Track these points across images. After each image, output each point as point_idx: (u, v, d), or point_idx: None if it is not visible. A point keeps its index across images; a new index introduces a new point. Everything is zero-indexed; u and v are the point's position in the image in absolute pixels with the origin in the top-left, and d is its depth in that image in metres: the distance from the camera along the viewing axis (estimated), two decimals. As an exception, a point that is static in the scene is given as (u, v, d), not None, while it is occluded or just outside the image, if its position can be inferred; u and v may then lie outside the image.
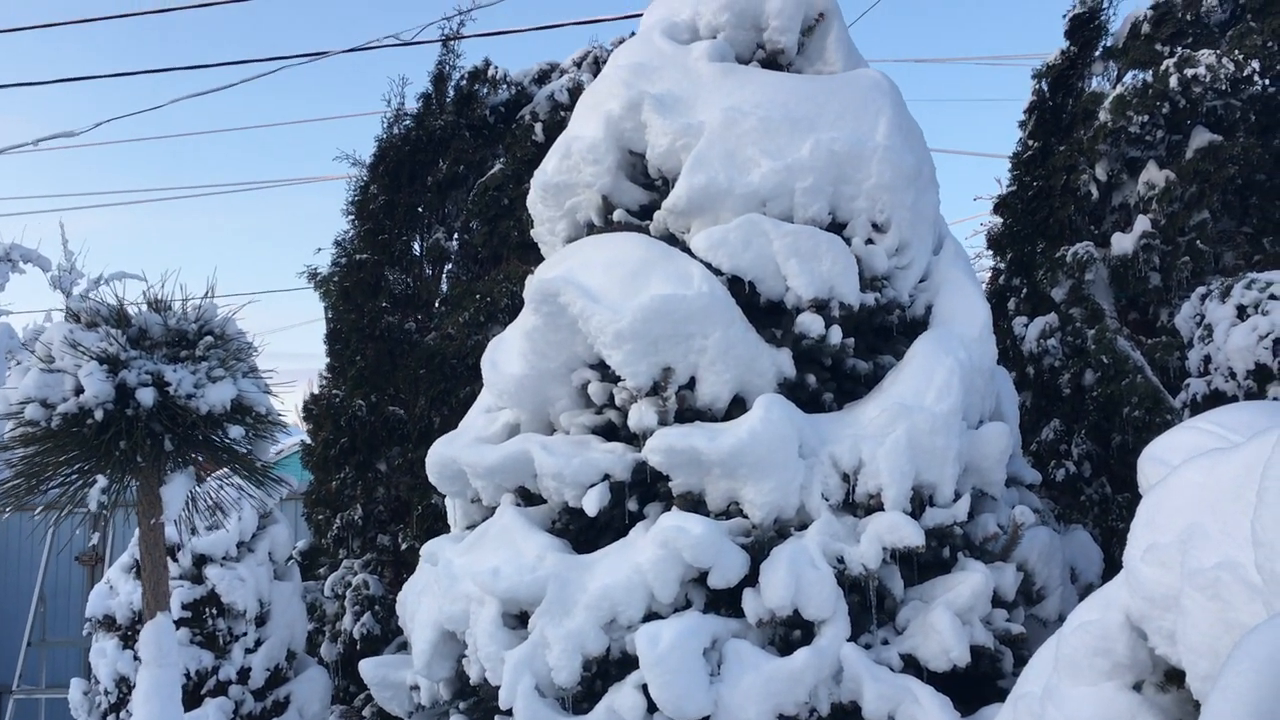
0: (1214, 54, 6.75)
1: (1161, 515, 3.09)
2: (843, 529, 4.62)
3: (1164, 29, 7.29)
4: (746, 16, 5.72)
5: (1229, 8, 7.13)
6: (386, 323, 8.33)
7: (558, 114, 8.24)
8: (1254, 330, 5.54)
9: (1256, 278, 5.82)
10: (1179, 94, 6.83)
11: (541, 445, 4.97)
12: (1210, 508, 2.92)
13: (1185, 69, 6.79)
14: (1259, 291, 5.64)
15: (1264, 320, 5.50)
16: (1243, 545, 2.67)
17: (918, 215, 5.37)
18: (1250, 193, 7.06)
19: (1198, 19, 7.18)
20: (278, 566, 6.62)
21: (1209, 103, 6.90)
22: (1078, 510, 7.15)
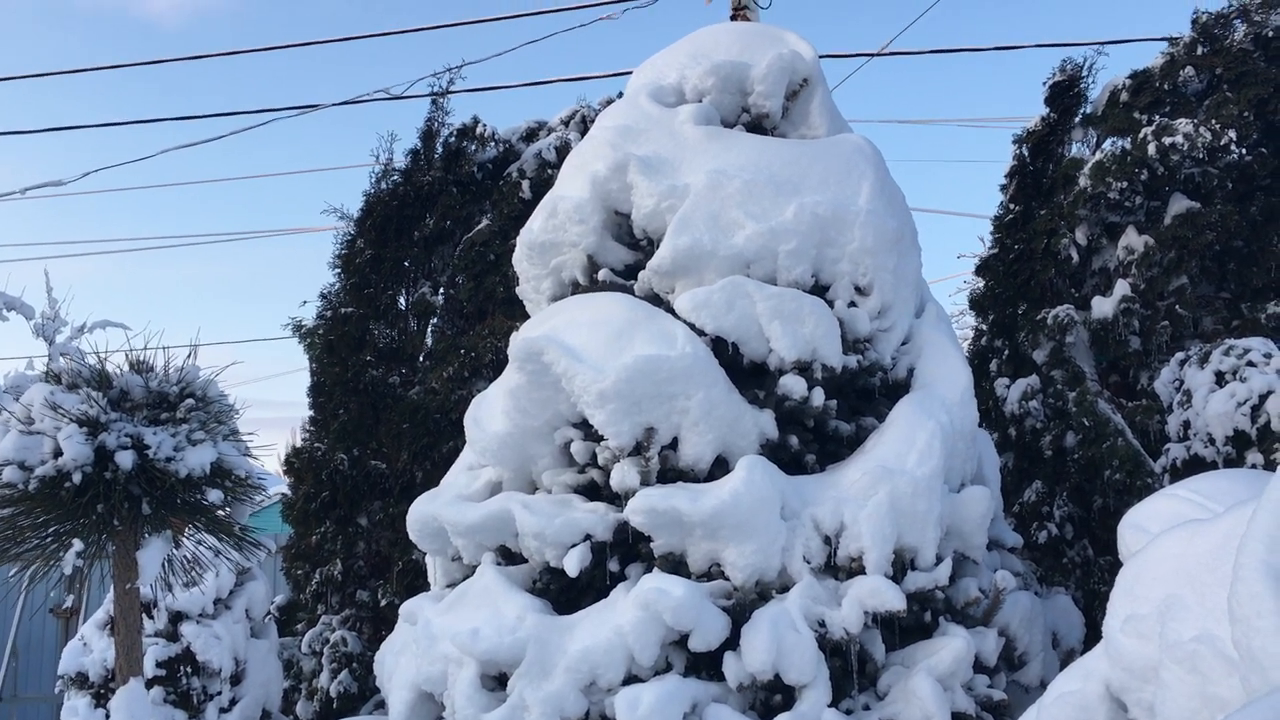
0: (1191, 123, 6.88)
1: (1141, 585, 3.10)
2: (824, 592, 4.60)
3: (1142, 97, 7.42)
4: (732, 81, 5.81)
5: (1205, 78, 7.28)
6: (370, 376, 8.33)
7: (545, 171, 8.31)
8: (1232, 397, 5.58)
9: (1235, 344, 5.88)
10: (1157, 161, 6.94)
11: (523, 504, 4.96)
12: (1189, 579, 2.94)
13: (1163, 137, 6.90)
14: (1237, 358, 5.69)
15: (1242, 387, 5.55)
16: (1220, 618, 2.68)
17: (900, 278, 5.42)
18: (1228, 259, 7.15)
19: (1175, 88, 7.32)
20: (255, 623, 6.55)
21: (1187, 170, 7.01)
22: (1059, 572, 7.15)
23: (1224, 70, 7.10)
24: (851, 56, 11.34)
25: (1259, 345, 5.74)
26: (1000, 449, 7.63)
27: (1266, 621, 2.22)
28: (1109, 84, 7.78)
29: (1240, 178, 7.09)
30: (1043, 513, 7.38)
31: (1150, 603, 3.01)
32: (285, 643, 7.84)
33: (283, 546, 8.86)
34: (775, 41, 5.96)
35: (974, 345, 8.39)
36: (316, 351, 8.66)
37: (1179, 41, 7.45)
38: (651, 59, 6.15)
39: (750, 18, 9.99)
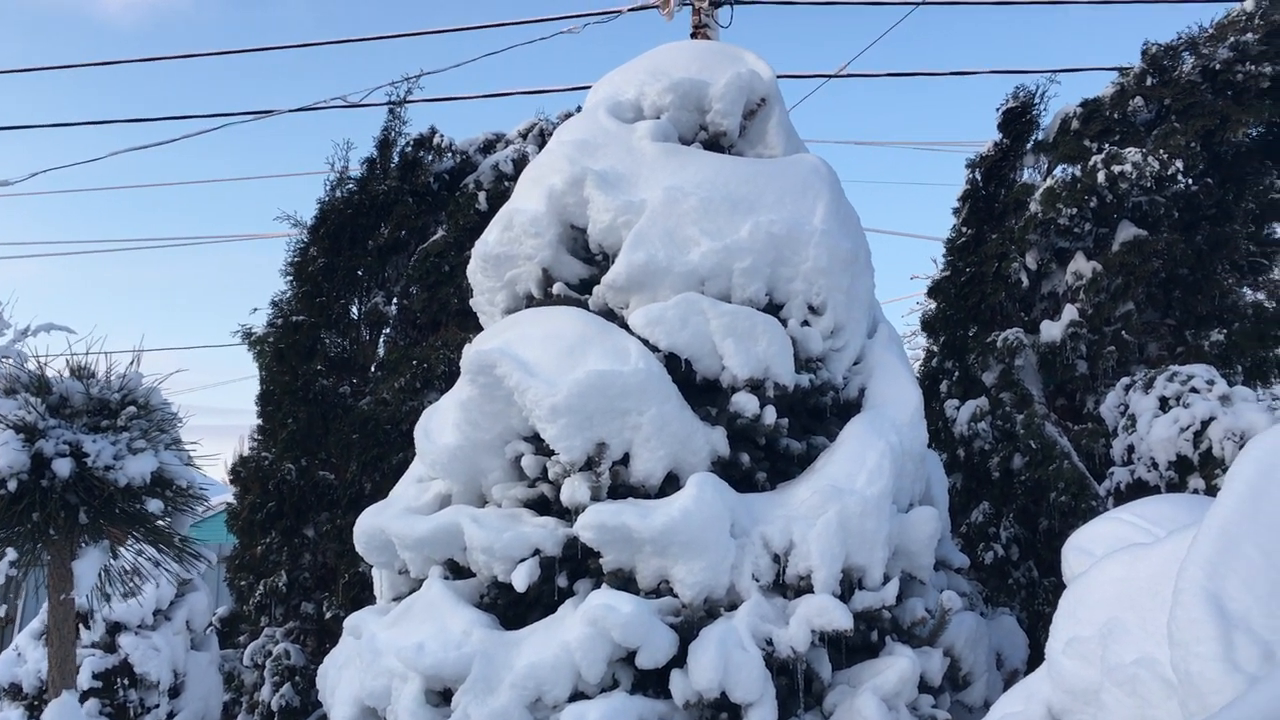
0: (1140, 152, 7.00)
1: (1083, 608, 3.13)
2: (772, 610, 4.60)
3: (1092, 126, 7.55)
4: (690, 99, 5.83)
5: (1154, 108, 7.41)
6: (321, 386, 8.24)
7: (502, 184, 8.29)
8: (1175, 422, 5.68)
9: (1178, 370, 5.97)
10: (1106, 189, 7.06)
11: (472, 518, 4.92)
12: (1130, 603, 2.97)
13: (1112, 165, 7.02)
14: (1180, 384, 5.79)
15: (1185, 413, 5.65)
16: (1161, 642, 2.71)
17: (853, 299, 5.45)
18: (1174, 286, 7.28)
19: (1124, 118, 7.45)
20: (195, 635, 6.44)
21: (1134, 198, 7.13)
22: (1005, 593, 7.22)
23: (1172, 101, 7.23)
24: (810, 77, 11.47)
25: (1202, 372, 5.85)
26: (949, 469, 7.70)
27: (1205, 647, 2.24)
28: (1060, 111, 7.90)
29: (1186, 207, 7.22)
30: (990, 533, 7.45)
31: (1092, 625, 3.04)
32: (227, 655, 7.72)
33: (227, 557, 8.72)
34: (734, 61, 5.99)
35: (925, 366, 8.46)
36: (266, 359, 8.56)
37: (1129, 72, 7.59)
38: (610, 74, 6.16)
39: (711, 36, 10.07)
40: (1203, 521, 2.51)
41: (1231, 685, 2.16)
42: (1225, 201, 7.32)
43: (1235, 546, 2.35)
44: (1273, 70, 6.90)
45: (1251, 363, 7.27)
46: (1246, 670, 2.19)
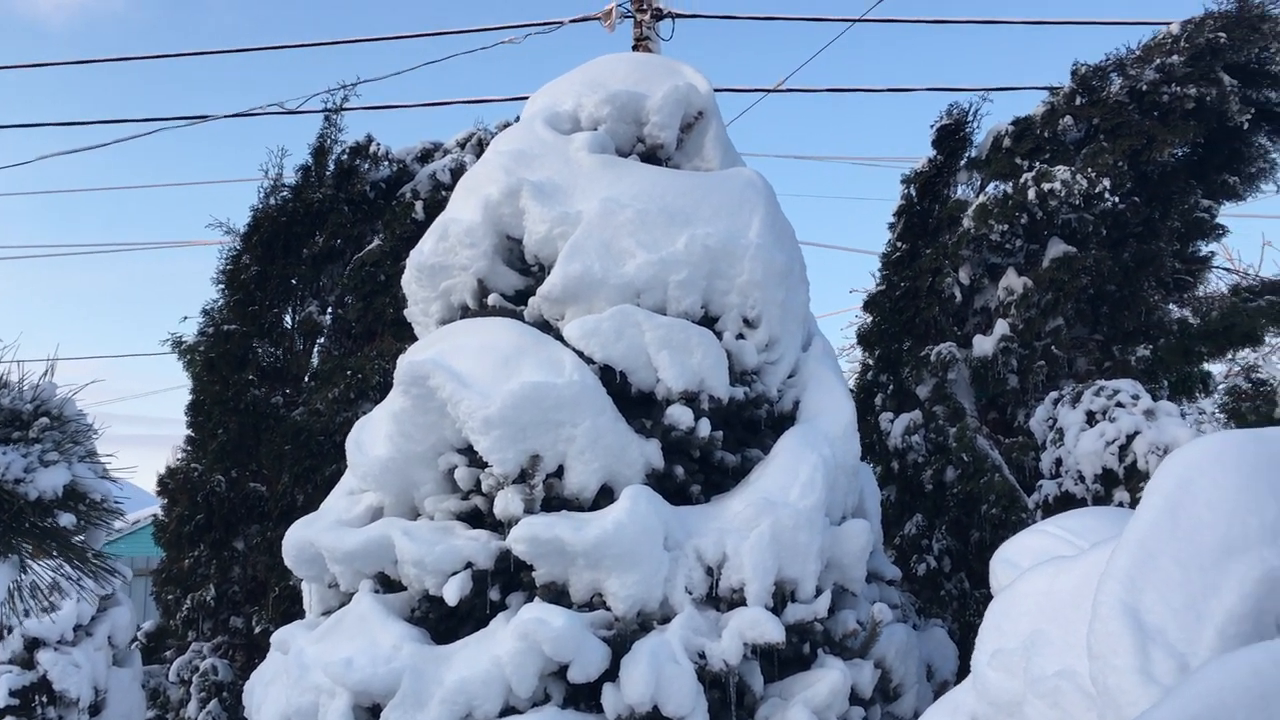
0: (1069, 170, 7.14)
1: (1008, 621, 3.16)
2: (705, 623, 4.60)
3: (1023, 144, 7.68)
4: (628, 111, 5.83)
5: (1083, 128, 7.56)
6: (252, 396, 8.11)
7: (439, 193, 8.23)
8: (1101, 436, 5.78)
9: (1105, 385, 6.09)
10: (1036, 206, 7.18)
11: (403, 530, 4.86)
12: (1053, 615, 3.00)
13: (1042, 183, 7.15)
14: (1107, 399, 5.90)
15: (1111, 427, 5.75)
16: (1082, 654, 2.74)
17: (788, 312, 5.48)
18: (1101, 302, 7.43)
19: (1055, 136, 7.59)
20: (118, 651, 6.28)
21: (1064, 215, 7.27)
22: (937, 604, 7.29)
23: (1100, 120, 7.39)
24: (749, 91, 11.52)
25: (1127, 387, 5.96)
26: (883, 482, 7.78)
27: (1122, 660, 2.27)
28: (993, 129, 8.03)
29: (1114, 225, 7.37)
30: (923, 545, 7.53)
31: (1016, 638, 3.07)
32: (152, 671, 7.55)
33: (154, 570, 8.54)
34: (671, 73, 6.00)
35: (861, 379, 8.54)
36: (197, 369, 8.41)
37: (1059, 91, 7.73)
38: (548, 85, 6.15)
39: (652, 48, 10.11)
40: (1121, 535, 2.54)
41: (1147, 697, 2.19)
42: (1151, 220, 7.49)
43: (1152, 560, 2.39)
44: (1197, 92, 7.07)
45: (1177, 378, 7.44)
46: (1162, 682, 2.22)
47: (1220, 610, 2.30)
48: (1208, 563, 2.35)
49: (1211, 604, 2.31)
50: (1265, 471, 2.50)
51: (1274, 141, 7.69)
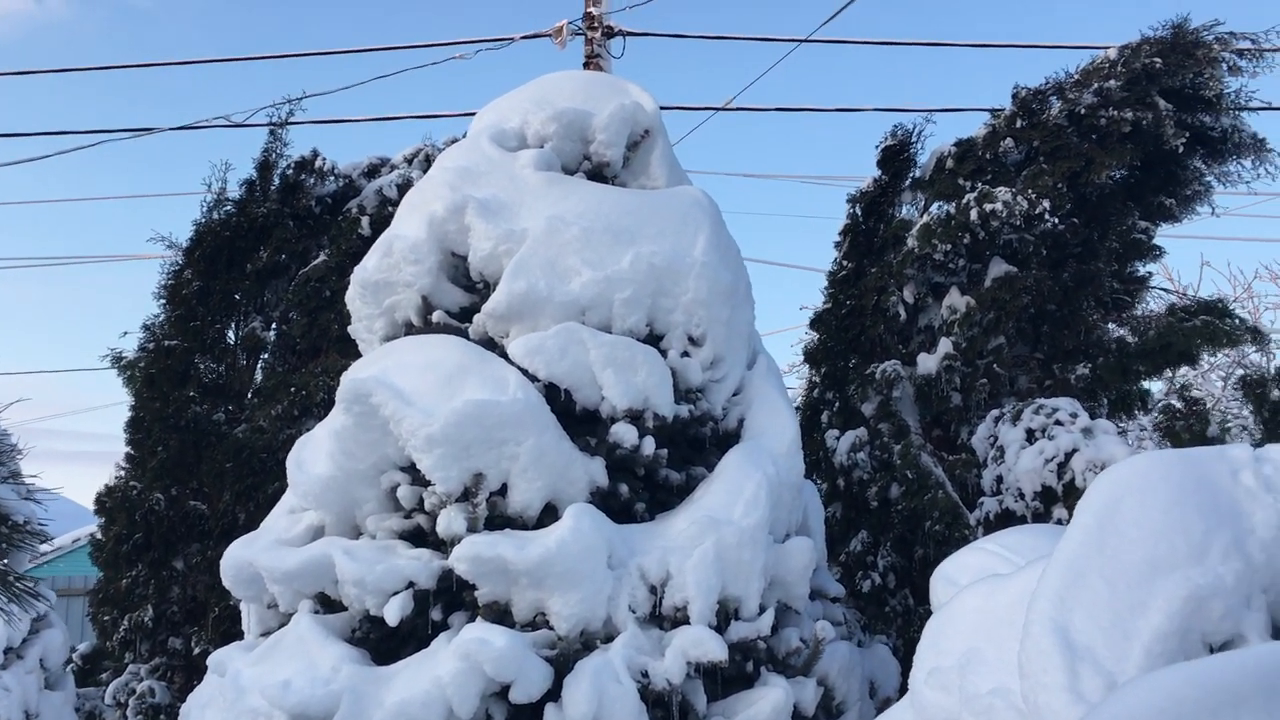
0: (1010, 191, 7.25)
1: (944, 639, 3.19)
2: (648, 642, 4.59)
3: (966, 165, 7.79)
4: (574, 128, 5.83)
5: (1024, 149, 7.69)
6: (193, 413, 7.99)
7: (386, 209, 8.18)
8: (1041, 454, 5.86)
9: (1044, 403, 6.17)
10: (979, 226, 7.28)
11: (344, 550, 4.80)
12: (988, 633, 3.04)
13: (984, 204, 7.25)
14: (1046, 417, 5.98)
15: (1050, 444, 5.83)
16: (1015, 672, 2.77)
17: (733, 330, 5.51)
18: (1042, 321, 7.54)
19: (996, 158, 7.71)
20: (50, 674, 6.15)
21: (1005, 236, 7.38)
22: (882, 621, 7.34)
23: (1040, 143, 7.51)
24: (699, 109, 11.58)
25: (1066, 405, 6.05)
26: (829, 499, 7.82)
27: (1051, 678, 2.30)
28: (936, 150, 8.14)
29: (1054, 245, 7.49)
30: (868, 562, 7.57)
31: (952, 655, 3.10)
32: (87, 694, 7.39)
33: (90, 590, 8.37)
34: (618, 92, 6.02)
35: (807, 397, 8.59)
36: (137, 385, 8.28)
37: (1000, 114, 7.86)
38: (495, 102, 6.14)
39: (603, 66, 10.13)
40: (1052, 554, 2.58)
41: (1076, 715, 2.22)
42: (1090, 240, 7.62)
43: (1082, 579, 2.42)
44: (1134, 116, 7.21)
45: (1117, 395, 7.56)
46: (1090, 700, 2.26)
47: (1147, 629, 2.34)
48: (1135, 582, 2.39)
49: (1139, 623, 2.34)
50: (1192, 492, 2.55)
51: (1209, 165, 7.86)
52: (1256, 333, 7.62)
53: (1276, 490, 2.60)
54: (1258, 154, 7.67)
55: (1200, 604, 2.38)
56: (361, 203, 8.45)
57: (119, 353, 8.51)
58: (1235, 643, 2.41)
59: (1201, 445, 6.50)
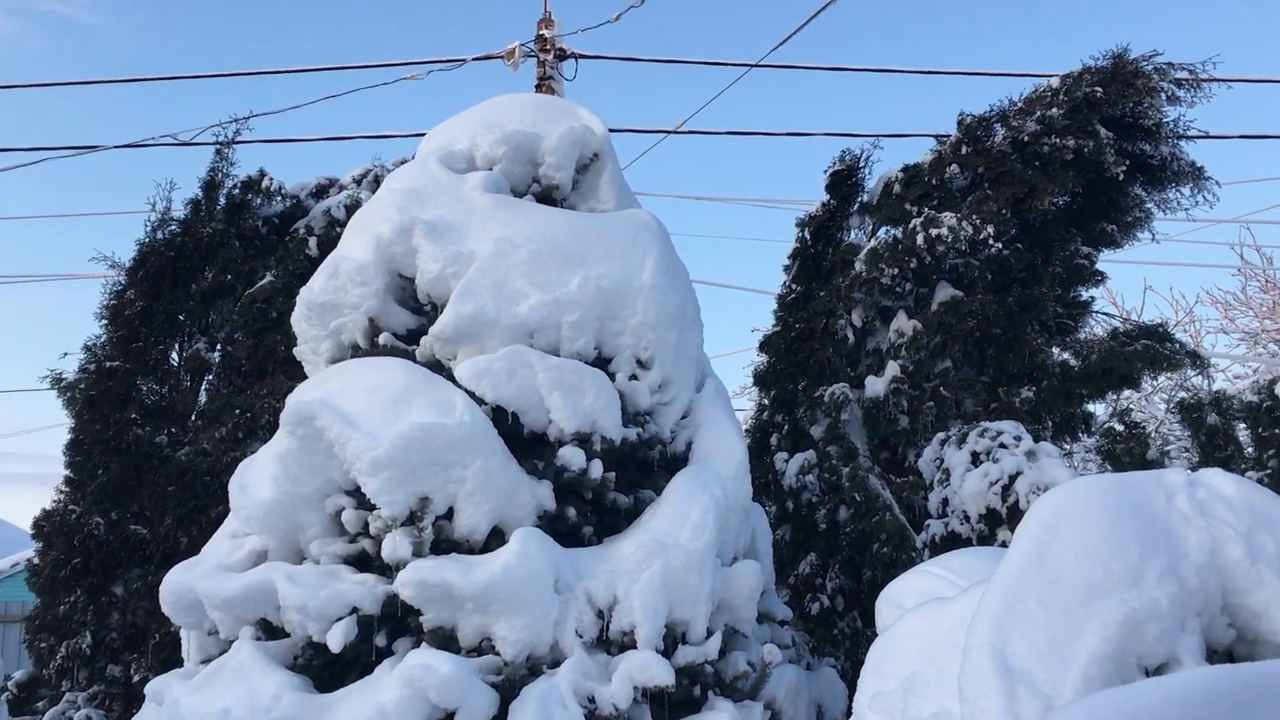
0: (955, 217, 7.34)
1: (887, 663, 3.20)
2: (595, 667, 4.57)
3: (913, 190, 7.88)
4: (523, 151, 5.83)
5: (969, 175, 7.79)
6: (135, 435, 7.85)
7: (334, 229, 8.12)
8: (985, 476, 5.92)
9: (989, 426, 6.24)
10: (925, 251, 7.36)
11: (287, 575, 4.74)
12: (930, 657, 3.05)
13: (930, 228, 7.34)
14: (991, 440, 6.04)
15: (994, 467, 5.89)
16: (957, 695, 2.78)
17: (681, 353, 5.52)
18: (988, 345, 7.63)
19: (942, 183, 7.81)
20: (-18, 704, 5.98)
21: (951, 260, 7.47)
22: (831, 643, 7.36)
23: (985, 169, 7.62)
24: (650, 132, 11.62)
25: (1010, 428, 6.12)
26: (778, 521, 7.85)
27: (989, 701, 2.31)
28: (884, 175, 8.23)
29: (999, 270, 7.59)
30: (816, 584, 7.59)
31: (896, 679, 3.11)
32: (22, 723, 7.20)
33: (28, 617, 8.17)
34: (567, 115, 6.03)
35: (757, 419, 8.62)
36: (77, 407, 8.12)
37: (946, 140, 7.96)
38: (444, 124, 6.12)
39: (555, 88, 10.15)
40: (992, 579, 2.60)
41: (1013, 739, 2.23)
42: (1034, 265, 7.74)
43: (1020, 603, 2.44)
44: (1076, 143, 7.34)
45: (1060, 418, 7.66)
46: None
47: (1083, 652, 2.36)
48: (1072, 606, 2.41)
49: (1075, 646, 2.37)
50: (1128, 516, 2.59)
51: (1149, 192, 8.02)
52: (1196, 356, 7.76)
53: (1210, 515, 2.65)
54: (1196, 182, 7.83)
55: (1136, 627, 2.40)
56: (309, 223, 8.37)
57: (59, 374, 8.33)
58: (1170, 665, 2.44)
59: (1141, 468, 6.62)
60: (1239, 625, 2.69)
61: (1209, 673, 2.04)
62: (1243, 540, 2.65)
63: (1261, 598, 2.64)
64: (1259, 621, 2.65)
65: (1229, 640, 2.71)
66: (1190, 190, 7.85)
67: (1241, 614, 2.67)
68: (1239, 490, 2.77)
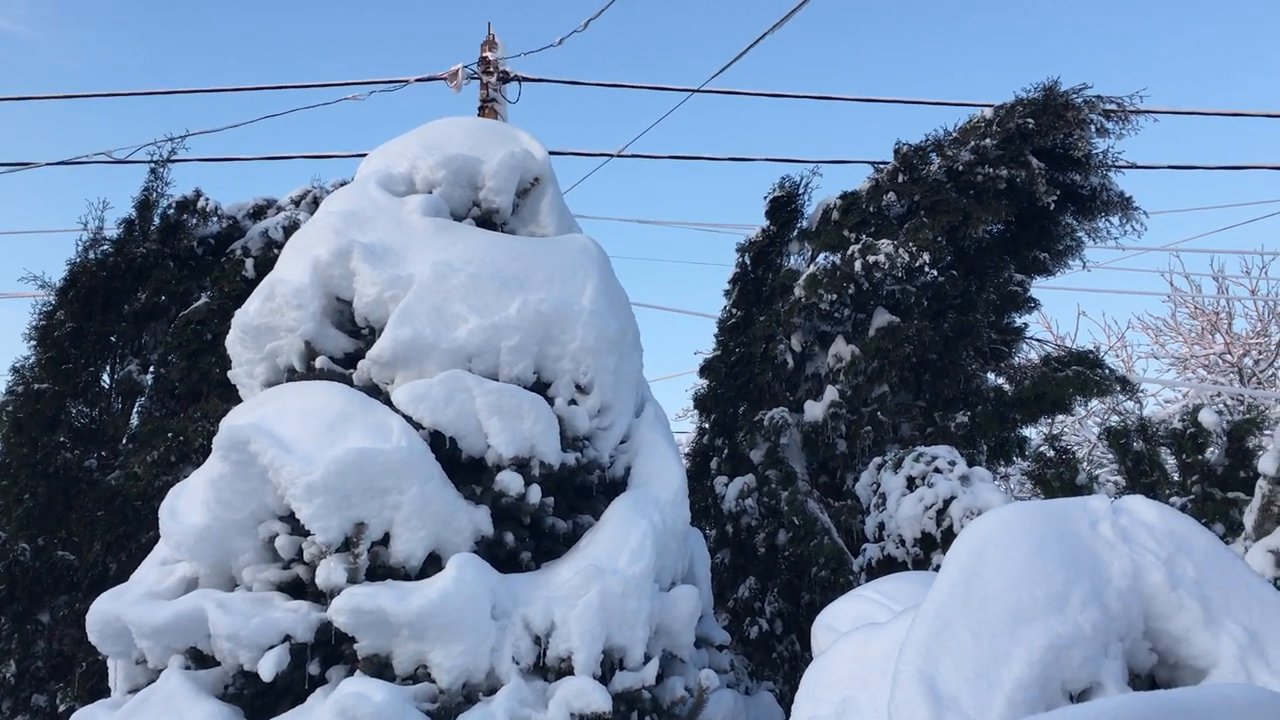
0: (892, 244, 7.46)
1: (821, 688, 3.22)
2: (532, 694, 4.54)
3: (851, 217, 7.99)
4: (463, 175, 5.83)
5: (906, 203, 7.92)
6: (63, 458, 7.68)
7: (271, 251, 8.03)
8: (920, 501, 5.99)
9: (924, 451, 6.32)
10: (863, 277, 7.46)
11: (218, 603, 4.65)
12: (863, 682, 3.08)
13: (868, 255, 7.44)
14: (926, 464, 6.12)
15: (929, 492, 5.97)
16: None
17: (620, 378, 5.53)
18: (924, 370, 7.74)
19: (880, 211, 7.93)
20: (-103, 738, 5.79)
21: (889, 286, 7.58)
22: (770, 667, 7.38)
23: (921, 197, 7.75)
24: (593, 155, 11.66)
25: (945, 453, 6.21)
26: (718, 545, 7.87)
27: (918, 728, 2.34)
28: (822, 202, 8.34)
29: (935, 296, 7.72)
30: (755, 608, 7.62)
31: (829, 705, 3.13)
32: (-60, 756, 6.98)
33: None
34: (508, 139, 6.04)
35: (697, 443, 8.65)
36: (3, 430, 7.93)
37: (884, 169, 8.09)
38: (383, 147, 6.10)
39: (498, 110, 10.15)
40: (922, 605, 2.63)
41: (940, 765, 2.26)
42: (969, 292, 7.88)
43: (948, 629, 2.48)
44: (1008, 173, 7.50)
45: (995, 443, 7.79)
46: (955, 750, 2.30)
47: (1010, 678, 2.40)
48: (998, 631, 2.45)
49: (1002, 672, 2.40)
50: (1053, 543, 2.64)
51: (1080, 221, 8.21)
52: (1125, 382, 7.94)
53: (1132, 541, 2.71)
54: (1125, 211, 8.04)
55: (1060, 653, 2.45)
56: (246, 244, 8.28)
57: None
58: (1094, 690, 2.49)
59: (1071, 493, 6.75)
60: (1160, 650, 2.76)
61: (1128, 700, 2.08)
62: (1164, 566, 2.72)
63: (1182, 622, 2.71)
64: (1179, 646, 2.71)
65: (1151, 665, 2.77)
66: (1119, 219, 8.06)
67: (1163, 639, 2.74)
68: (1160, 517, 2.84)
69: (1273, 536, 4.73)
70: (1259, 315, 18.42)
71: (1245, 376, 18.06)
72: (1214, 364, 18.58)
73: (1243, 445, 6.76)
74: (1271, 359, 18.06)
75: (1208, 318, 18.73)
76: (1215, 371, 18.52)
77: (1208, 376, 18.42)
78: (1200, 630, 2.71)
